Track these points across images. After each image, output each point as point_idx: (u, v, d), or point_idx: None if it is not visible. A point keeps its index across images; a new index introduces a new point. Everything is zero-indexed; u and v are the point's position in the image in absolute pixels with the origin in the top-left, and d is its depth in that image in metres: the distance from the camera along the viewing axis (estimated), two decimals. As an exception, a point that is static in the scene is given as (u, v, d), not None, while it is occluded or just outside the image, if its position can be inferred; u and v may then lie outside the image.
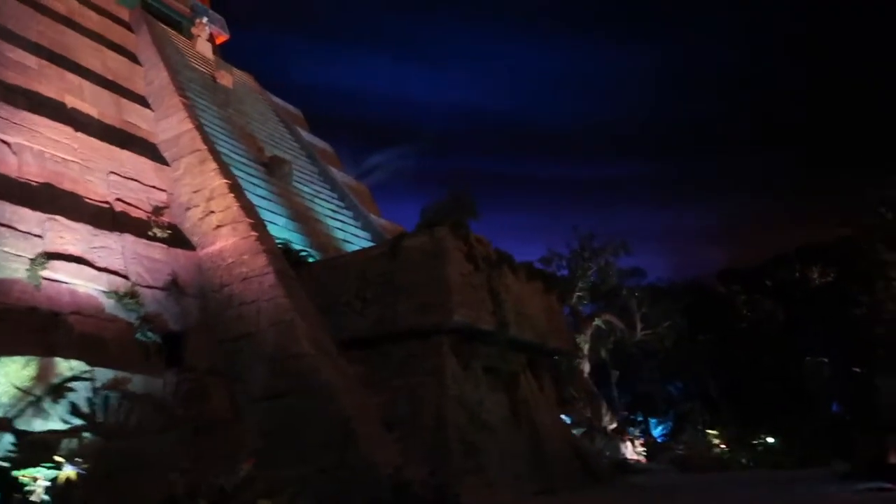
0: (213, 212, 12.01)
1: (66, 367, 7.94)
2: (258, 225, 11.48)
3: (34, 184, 10.36)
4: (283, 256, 11.22)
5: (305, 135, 22.40)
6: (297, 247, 13.04)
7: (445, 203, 10.97)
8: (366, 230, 17.64)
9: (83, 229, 10.08)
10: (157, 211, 12.32)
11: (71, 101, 12.90)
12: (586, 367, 22.41)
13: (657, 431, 37.81)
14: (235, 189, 12.16)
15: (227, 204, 11.86)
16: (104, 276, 9.85)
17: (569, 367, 22.25)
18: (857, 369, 29.14)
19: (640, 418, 35.94)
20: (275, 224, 13.81)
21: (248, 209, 11.81)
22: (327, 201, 17.71)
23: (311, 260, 12.39)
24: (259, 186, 14.73)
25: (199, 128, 13.86)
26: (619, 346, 27.94)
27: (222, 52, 24.62)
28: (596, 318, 23.17)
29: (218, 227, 11.73)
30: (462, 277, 10.11)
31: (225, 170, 12.78)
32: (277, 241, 12.53)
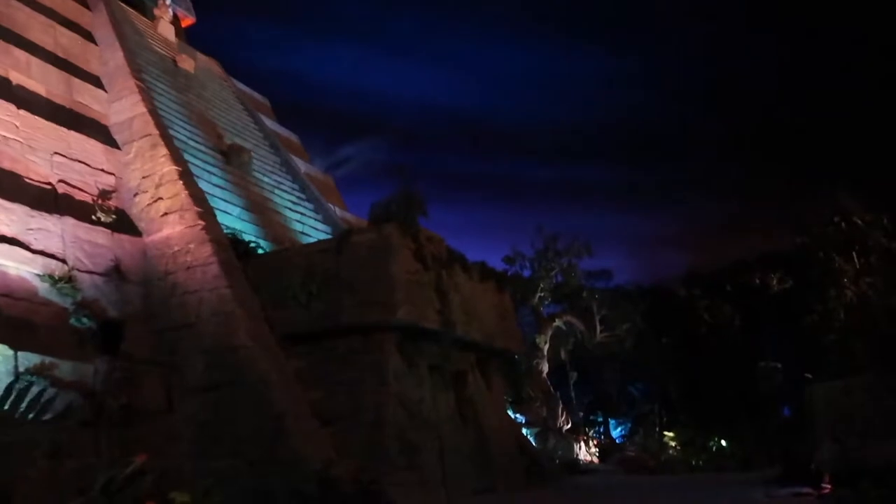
0: (161, 198, 11.76)
1: (-14, 350, 7.71)
2: (206, 214, 11.27)
3: (-31, 162, 10.03)
4: (231, 247, 11.04)
5: (270, 124, 22.10)
6: (248, 238, 12.86)
7: (395, 199, 10.90)
8: (326, 223, 17.47)
9: (19, 210, 9.78)
10: (105, 195, 11.99)
11: (16, 78, 12.47)
12: (545, 368, 22.57)
13: (616, 432, 38.36)
14: (185, 176, 11.92)
15: (175, 191, 11.62)
16: (39, 258, 9.58)
17: (527, 366, 22.41)
18: (809, 375, 29.86)
19: (599, 419, 36.41)
20: (228, 214, 13.61)
21: (198, 197, 11.59)
22: (287, 192, 17.49)
23: (260, 251, 12.22)
24: (214, 175, 14.48)
25: (153, 112, 13.56)
26: (580, 347, 28.25)
27: (188, 35, 24.13)
28: (556, 319, 23.34)
29: (165, 214, 11.49)
30: (408, 275, 10.06)
31: (177, 156, 12.52)
32: (227, 230, 12.36)
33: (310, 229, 16.36)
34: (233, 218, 13.48)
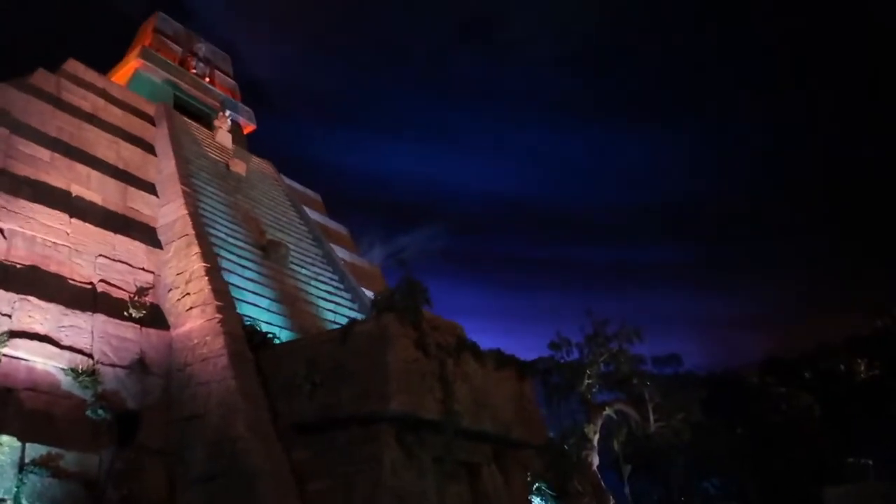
0: (188, 294, 12.60)
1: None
2: (226, 307, 11.94)
3: (18, 266, 11.20)
4: (247, 339, 11.54)
5: (319, 217, 23.35)
6: (273, 329, 13.39)
7: (398, 289, 11.17)
8: (361, 312, 17.92)
9: (54, 309, 10.75)
10: (142, 292, 13.01)
11: (77, 190, 14.05)
12: (595, 460, 21.33)
13: (690, 532, 35.27)
14: (212, 272, 12.75)
15: (200, 286, 12.43)
16: (67, 353, 10.40)
17: (576, 458, 21.32)
18: (908, 473, 26.74)
19: (672, 516, 33.67)
20: (256, 306, 14.29)
21: (220, 291, 12.32)
22: (325, 283, 18.18)
23: (276, 342, 12.69)
24: (248, 269, 15.35)
25: (194, 214, 14.75)
26: (640, 438, 26.66)
27: (250, 140, 26.35)
28: (607, 408, 22.25)
29: (190, 308, 12.26)
30: (405, 364, 10.13)
31: (207, 253, 13.46)
32: (250, 322, 12.96)
33: (342, 318, 16.80)
34: (260, 310, 14.13)
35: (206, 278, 12.49)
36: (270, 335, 12.50)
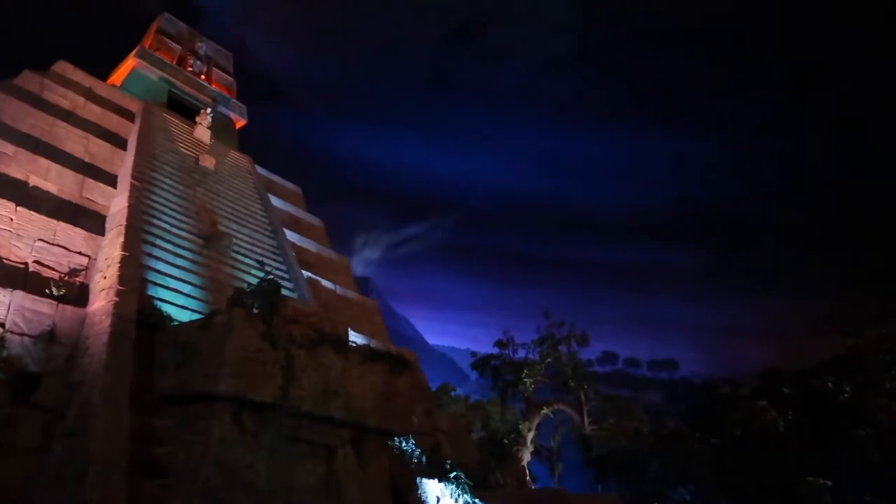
0: (105, 277, 14.62)
1: None
2: (127, 292, 13.85)
3: (-44, 246, 13.47)
4: (134, 320, 13.41)
5: (292, 209, 25.23)
6: (179, 312, 15.25)
7: (255, 288, 12.72)
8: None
9: (-25, 285, 12.95)
10: (73, 273, 15.17)
11: (34, 181, 16.33)
12: (526, 456, 22.49)
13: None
14: (126, 260, 14.71)
15: (114, 272, 14.41)
16: (-21, 322, 12.56)
17: (508, 453, 22.47)
18: (868, 499, 26.34)
19: (638, 520, 34.05)
20: (178, 291, 16.20)
21: (128, 278, 14.25)
22: (268, 273, 19.95)
23: (175, 324, 14.54)
24: (182, 257, 17.29)
25: (133, 206, 16.78)
26: (635, 440, 27.49)
27: (242, 133, 28.47)
28: (545, 407, 23.30)
29: (101, 290, 14.27)
30: (244, 353, 11.67)
31: (131, 243, 15.44)
32: (161, 305, 14.88)
33: (273, 306, 18.54)
34: (178, 295, 16.02)
35: (118, 265, 14.46)
36: (168, 317, 14.37)
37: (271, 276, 12.83)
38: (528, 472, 22.23)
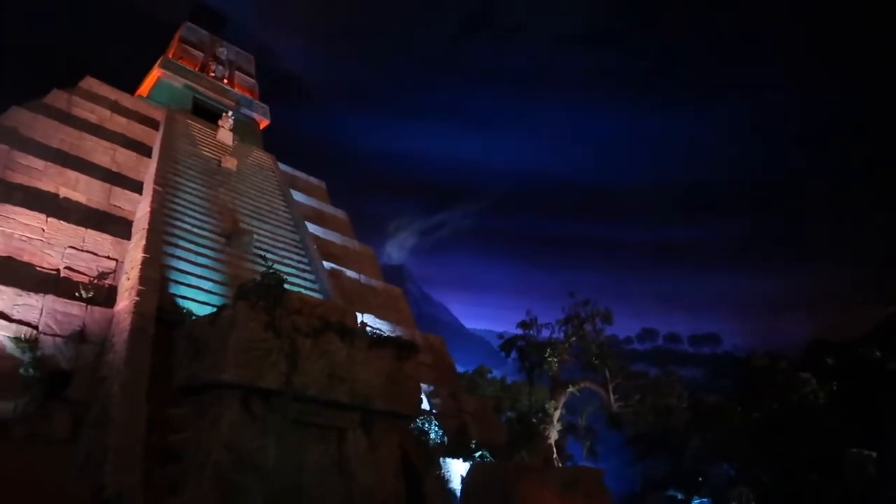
0: (129, 279, 15.65)
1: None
2: (147, 292, 14.82)
3: (-6, 257, 14.70)
4: (154, 318, 14.35)
5: (316, 204, 26.03)
6: (200, 308, 16.17)
7: (258, 281, 13.38)
8: (321, 293, 20.42)
9: (10, 291, 14.11)
10: (102, 276, 16.29)
11: (64, 192, 17.54)
12: (553, 434, 22.74)
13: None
14: (147, 262, 15.69)
15: (136, 273, 15.42)
16: (14, 325, 13.72)
17: (536, 432, 22.79)
18: (916, 469, 25.45)
19: (680, 496, 33.76)
20: (199, 288, 17.15)
21: (148, 279, 15.22)
22: (288, 266, 20.80)
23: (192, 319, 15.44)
24: (205, 256, 18.25)
25: (155, 210, 17.80)
26: (661, 417, 27.36)
27: (268, 133, 29.44)
28: (570, 386, 23.46)
29: (125, 291, 15.30)
30: (248, 343, 12.37)
31: (153, 245, 16.43)
32: (182, 302, 15.84)
33: (294, 298, 19.35)
34: (199, 292, 16.96)
35: (140, 266, 15.45)
36: (187, 313, 15.29)
37: (273, 271, 13.46)
38: (554, 450, 22.46)
